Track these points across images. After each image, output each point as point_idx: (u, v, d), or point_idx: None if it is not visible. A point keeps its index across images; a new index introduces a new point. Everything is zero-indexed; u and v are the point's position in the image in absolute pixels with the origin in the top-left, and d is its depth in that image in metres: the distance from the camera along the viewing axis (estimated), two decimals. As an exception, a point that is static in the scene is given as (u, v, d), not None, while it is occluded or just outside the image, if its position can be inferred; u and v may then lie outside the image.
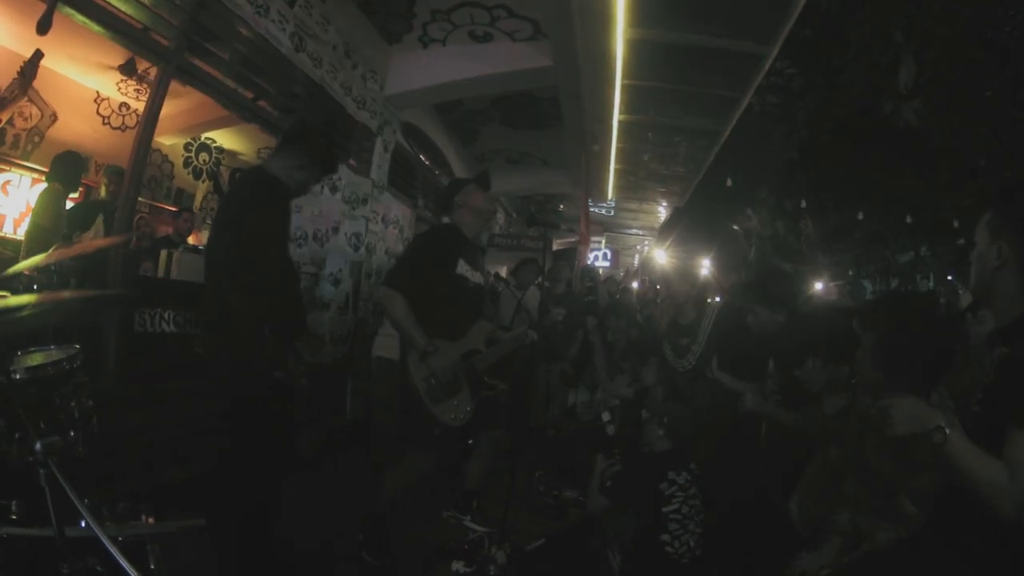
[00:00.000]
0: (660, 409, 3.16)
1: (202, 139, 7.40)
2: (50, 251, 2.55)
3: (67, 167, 4.65)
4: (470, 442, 3.51)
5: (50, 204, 4.50)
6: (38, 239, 4.32)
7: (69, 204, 5.24)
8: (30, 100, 5.64)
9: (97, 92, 6.29)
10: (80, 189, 5.92)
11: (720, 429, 3.38)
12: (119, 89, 6.28)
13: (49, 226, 4.40)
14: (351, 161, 5.51)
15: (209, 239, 2.72)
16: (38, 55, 4.12)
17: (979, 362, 1.78)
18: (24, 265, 2.58)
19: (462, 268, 3.15)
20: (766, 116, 10.43)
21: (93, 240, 4.37)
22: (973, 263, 1.74)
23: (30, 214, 4.66)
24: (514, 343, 3.37)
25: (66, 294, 2.66)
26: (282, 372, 2.50)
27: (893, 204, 11.02)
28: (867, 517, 2.15)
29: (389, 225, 6.50)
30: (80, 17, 3.10)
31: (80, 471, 1.98)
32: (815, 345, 2.90)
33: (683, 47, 5.75)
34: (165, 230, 6.39)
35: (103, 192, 5.50)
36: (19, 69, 4.15)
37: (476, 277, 3.25)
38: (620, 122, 7.56)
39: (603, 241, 19.89)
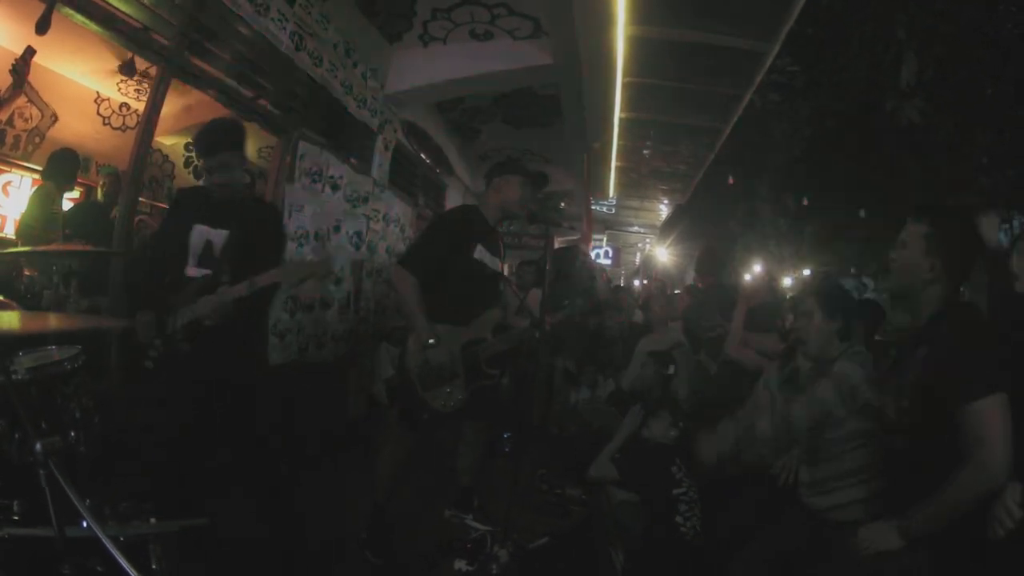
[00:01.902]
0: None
1: (203, 139, 7.38)
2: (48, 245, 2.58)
3: (60, 164, 4.64)
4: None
5: (39, 203, 4.49)
6: (27, 237, 4.32)
7: (68, 204, 5.26)
8: (30, 101, 5.63)
9: (97, 92, 6.28)
10: (80, 190, 5.94)
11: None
12: (119, 89, 6.27)
13: (37, 225, 4.38)
14: (352, 159, 5.51)
15: None
16: (29, 52, 4.11)
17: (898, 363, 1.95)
18: (14, 251, 2.62)
19: (480, 253, 3.11)
20: (768, 113, 10.43)
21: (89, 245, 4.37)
22: (900, 268, 1.90)
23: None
24: (520, 336, 3.34)
25: (53, 319, 2.70)
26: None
27: (895, 202, 10.99)
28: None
29: (390, 224, 6.49)
30: (79, 17, 3.09)
31: (82, 470, 1.99)
32: None
33: (684, 44, 5.75)
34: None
35: (99, 194, 5.49)
36: (11, 67, 4.14)
37: (495, 264, 3.21)
38: (621, 120, 7.57)
39: (604, 239, 19.91)
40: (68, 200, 5.21)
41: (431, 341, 2.90)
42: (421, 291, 2.97)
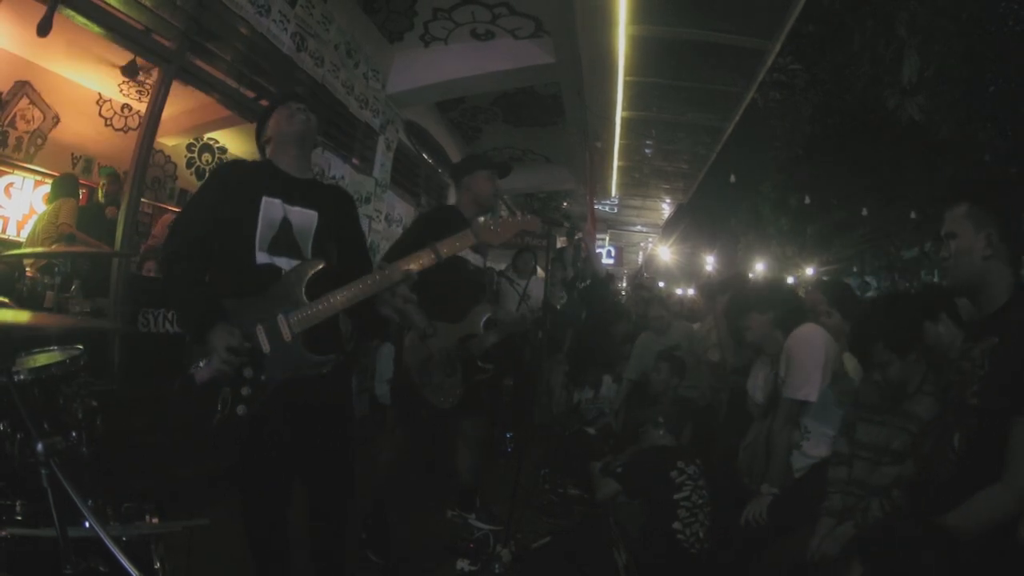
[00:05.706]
0: (654, 411, 3.23)
1: (205, 139, 7.39)
2: (51, 247, 2.54)
3: (63, 187, 4.87)
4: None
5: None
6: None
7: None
8: (32, 103, 5.64)
9: (99, 94, 6.29)
10: (83, 191, 5.95)
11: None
12: (121, 91, 6.28)
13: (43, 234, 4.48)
14: (354, 160, 5.51)
15: None
16: None
17: (965, 356, 1.71)
18: (24, 252, 2.58)
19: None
20: (769, 112, 10.41)
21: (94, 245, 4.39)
22: (955, 256, 1.69)
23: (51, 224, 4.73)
24: (512, 327, 3.35)
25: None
26: None
27: (897, 200, 10.98)
28: (858, 496, 2.16)
29: (392, 223, 6.50)
30: (80, 19, 3.09)
31: (84, 471, 1.99)
32: None
33: (685, 43, 5.75)
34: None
35: (100, 195, 5.51)
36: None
37: (476, 260, 3.22)
38: (623, 119, 7.56)
39: (607, 238, 19.90)
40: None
41: (429, 331, 2.90)
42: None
